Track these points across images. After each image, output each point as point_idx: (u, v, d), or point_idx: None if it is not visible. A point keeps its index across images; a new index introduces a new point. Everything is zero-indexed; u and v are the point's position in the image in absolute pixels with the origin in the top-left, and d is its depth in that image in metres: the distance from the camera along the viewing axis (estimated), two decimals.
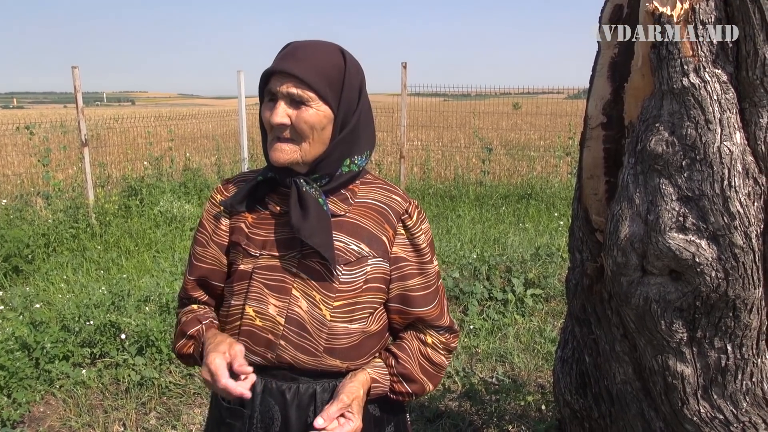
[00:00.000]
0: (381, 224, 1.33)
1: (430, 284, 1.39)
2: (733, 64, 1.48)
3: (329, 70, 1.23)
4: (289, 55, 1.23)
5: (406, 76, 8.84)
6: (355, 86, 1.27)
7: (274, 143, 1.25)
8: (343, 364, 1.31)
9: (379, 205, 1.35)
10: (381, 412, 1.41)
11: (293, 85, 1.20)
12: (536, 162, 10.29)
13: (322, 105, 1.23)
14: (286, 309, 1.28)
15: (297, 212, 1.25)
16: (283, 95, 1.21)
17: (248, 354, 1.30)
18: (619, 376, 1.82)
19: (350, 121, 1.28)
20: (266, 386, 1.32)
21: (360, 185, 1.36)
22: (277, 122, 1.21)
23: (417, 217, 1.37)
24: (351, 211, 1.33)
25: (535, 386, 3.46)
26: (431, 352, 1.40)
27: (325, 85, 1.22)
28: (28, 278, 5.38)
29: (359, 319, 1.32)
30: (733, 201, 1.44)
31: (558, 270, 5.07)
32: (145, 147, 9.37)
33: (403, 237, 1.36)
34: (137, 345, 3.66)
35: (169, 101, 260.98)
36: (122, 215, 7.11)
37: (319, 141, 1.25)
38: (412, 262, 1.36)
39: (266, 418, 1.32)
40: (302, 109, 1.21)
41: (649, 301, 1.58)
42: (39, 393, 3.33)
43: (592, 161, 1.78)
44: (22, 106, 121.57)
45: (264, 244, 1.31)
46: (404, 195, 1.39)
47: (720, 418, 1.64)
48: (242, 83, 8.76)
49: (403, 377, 1.37)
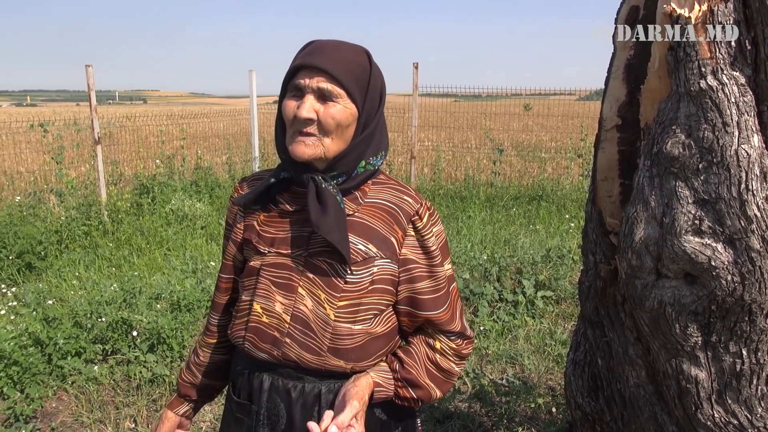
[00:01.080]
0: (390, 225, 1.32)
1: (439, 287, 1.36)
2: (752, 66, 1.46)
3: (357, 70, 1.24)
4: (318, 50, 1.23)
5: (418, 77, 8.84)
6: (378, 89, 1.28)
7: (296, 137, 1.23)
8: (347, 365, 1.31)
9: (389, 205, 1.33)
10: (388, 417, 1.40)
11: (324, 80, 1.20)
12: (547, 163, 10.25)
13: (350, 103, 1.23)
14: (292, 307, 1.29)
15: (316, 208, 1.24)
16: (312, 89, 1.21)
17: (255, 350, 1.32)
18: (632, 380, 1.81)
19: (372, 123, 1.28)
20: (273, 383, 1.33)
21: (371, 185, 1.36)
22: (304, 116, 1.20)
23: (428, 219, 1.34)
24: (360, 210, 1.32)
25: (545, 388, 3.44)
26: (440, 358, 1.38)
27: (353, 83, 1.22)
28: (40, 275, 5.43)
29: (363, 320, 1.30)
30: (750, 204, 1.43)
31: (569, 272, 5.05)
32: (157, 145, 9.43)
33: (412, 239, 1.34)
34: (149, 342, 3.69)
35: (180, 100, 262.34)
36: (134, 213, 7.16)
37: (341, 138, 1.25)
38: (422, 264, 1.34)
39: (272, 415, 1.33)
40: (330, 104, 1.21)
41: (663, 305, 1.57)
42: (51, 389, 3.36)
43: (606, 163, 1.78)
44: (35, 103, 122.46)
45: (273, 241, 1.32)
46: (417, 196, 1.36)
47: (734, 423, 1.62)
48: (254, 83, 8.79)
49: (408, 382, 1.35)
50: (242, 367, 1.39)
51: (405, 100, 10.75)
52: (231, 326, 1.40)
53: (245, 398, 1.37)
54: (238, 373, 1.40)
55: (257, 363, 1.35)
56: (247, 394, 1.37)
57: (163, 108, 19.47)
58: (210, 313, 1.54)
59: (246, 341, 1.33)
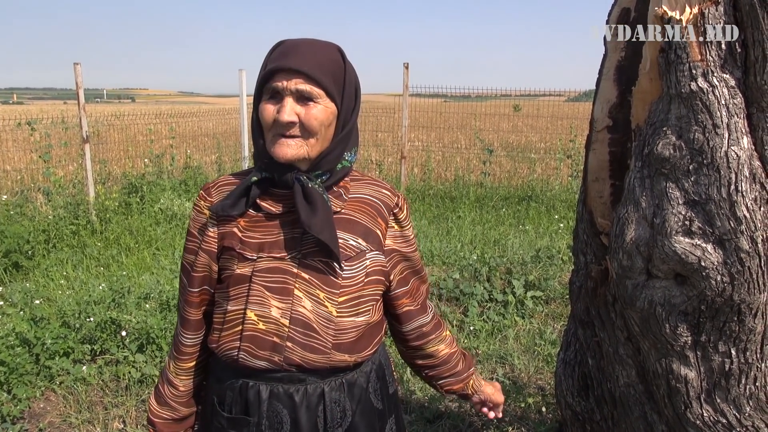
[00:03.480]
0: (374, 218, 1.35)
1: (414, 266, 1.48)
2: (742, 69, 1.48)
3: (332, 68, 1.23)
4: (292, 51, 1.21)
5: (408, 77, 8.85)
6: (353, 84, 1.28)
7: (278, 139, 1.23)
8: (350, 358, 1.32)
9: (372, 199, 1.37)
10: (383, 406, 1.43)
11: (302, 82, 1.19)
12: (536, 164, 10.30)
13: (329, 102, 1.23)
14: (290, 310, 1.27)
15: (305, 208, 1.23)
16: (291, 92, 1.20)
17: (252, 360, 1.28)
18: (622, 379, 1.82)
19: (351, 119, 1.29)
20: (272, 392, 1.29)
21: (351, 182, 1.38)
22: (286, 120, 1.19)
23: (406, 209, 1.43)
24: (346, 207, 1.33)
25: (535, 388, 3.46)
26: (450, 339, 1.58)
27: (331, 82, 1.22)
28: (27, 274, 5.38)
29: (364, 312, 1.33)
30: (740, 205, 1.45)
31: (558, 272, 5.07)
32: (145, 144, 9.37)
33: (394, 229, 1.40)
34: (138, 342, 3.66)
35: (169, 99, 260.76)
36: (122, 212, 7.11)
37: (324, 137, 1.25)
38: (402, 251, 1.42)
39: (274, 423, 1.30)
40: (310, 105, 1.21)
41: (653, 305, 1.59)
42: (39, 389, 3.33)
43: (597, 164, 1.79)
44: (21, 101, 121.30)
45: (261, 246, 1.28)
46: (392, 188, 1.43)
47: (723, 422, 1.64)
48: (244, 82, 8.77)
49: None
50: (230, 380, 1.33)
51: (395, 100, 10.76)
52: (216, 339, 1.33)
53: (239, 412, 1.31)
54: (226, 386, 1.34)
55: (251, 373, 1.30)
56: (241, 408, 1.31)
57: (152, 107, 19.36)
58: (181, 334, 1.41)
59: (241, 352, 1.28)
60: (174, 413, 1.44)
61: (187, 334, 1.40)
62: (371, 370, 1.40)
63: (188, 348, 1.41)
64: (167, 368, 1.44)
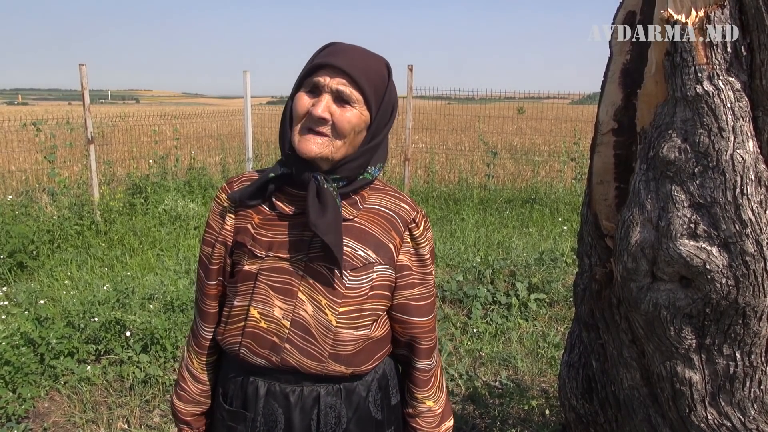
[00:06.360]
0: (388, 231, 1.32)
1: (428, 295, 1.39)
2: (747, 72, 1.48)
3: (376, 78, 1.23)
4: (341, 52, 1.22)
5: (413, 79, 8.85)
6: (392, 102, 1.28)
7: (305, 133, 1.22)
8: (347, 370, 1.31)
9: (387, 212, 1.34)
10: (383, 416, 1.41)
11: (344, 83, 1.19)
12: (540, 167, 10.29)
13: (365, 109, 1.22)
14: (292, 312, 1.27)
15: (316, 207, 1.22)
16: (331, 90, 1.20)
17: (252, 356, 1.30)
18: (627, 382, 1.82)
19: (381, 133, 1.28)
20: (270, 389, 1.31)
21: (369, 191, 1.35)
22: (319, 115, 1.19)
23: (423, 226, 1.37)
24: (359, 216, 1.31)
25: (538, 390, 3.45)
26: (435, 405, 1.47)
27: (371, 91, 1.22)
28: (32, 274, 5.40)
29: (365, 326, 1.31)
30: (745, 209, 1.45)
31: (562, 275, 5.07)
32: (150, 145, 9.39)
33: (408, 245, 1.35)
34: (142, 342, 3.67)
35: (173, 100, 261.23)
36: (127, 213, 7.13)
37: (351, 143, 1.24)
38: (416, 271, 1.36)
39: (269, 421, 1.31)
40: (347, 107, 1.21)
41: (658, 307, 1.59)
42: (44, 389, 3.34)
43: (602, 167, 1.79)
44: (26, 102, 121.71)
45: (270, 245, 1.29)
46: (412, 203, 1.38)
47: (727, 426, 1.64)
48: (248, 83, 8.77)
49: None
50: (235, 374, 1.36)
51: (399, 102, 10.76)
52: (222, 332, 1.36)
53: (239, 406, 1.34)
54: (230, 380, 1.37)
55: (252, 369, 1.32)
56: (241, 402, 1.34)
57: (156, 108, 19.38)
58: (202, 328, 1.42)
59: (242, 347, 1.30)
60: (202, 407, 1.48)
61: (208, 327, 1.41)
62: (373, 380, 1.38)
63: (207, 342, 1.43)
64: (190, 365, 1.45)
